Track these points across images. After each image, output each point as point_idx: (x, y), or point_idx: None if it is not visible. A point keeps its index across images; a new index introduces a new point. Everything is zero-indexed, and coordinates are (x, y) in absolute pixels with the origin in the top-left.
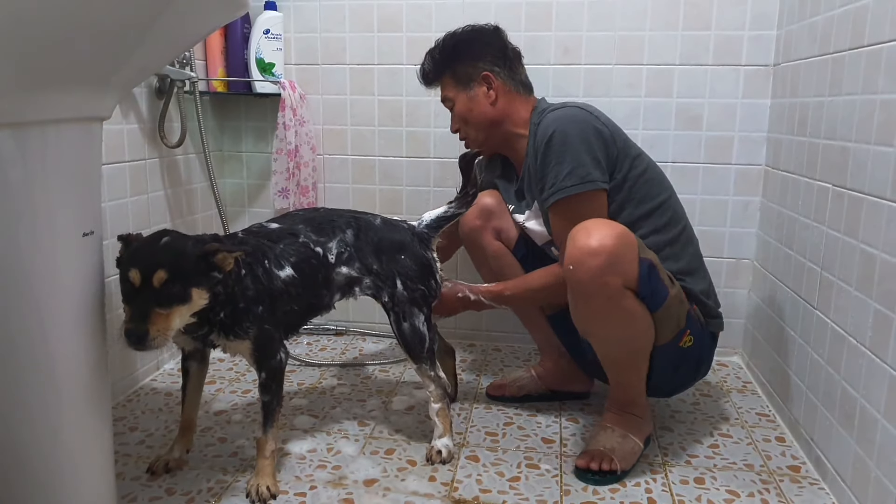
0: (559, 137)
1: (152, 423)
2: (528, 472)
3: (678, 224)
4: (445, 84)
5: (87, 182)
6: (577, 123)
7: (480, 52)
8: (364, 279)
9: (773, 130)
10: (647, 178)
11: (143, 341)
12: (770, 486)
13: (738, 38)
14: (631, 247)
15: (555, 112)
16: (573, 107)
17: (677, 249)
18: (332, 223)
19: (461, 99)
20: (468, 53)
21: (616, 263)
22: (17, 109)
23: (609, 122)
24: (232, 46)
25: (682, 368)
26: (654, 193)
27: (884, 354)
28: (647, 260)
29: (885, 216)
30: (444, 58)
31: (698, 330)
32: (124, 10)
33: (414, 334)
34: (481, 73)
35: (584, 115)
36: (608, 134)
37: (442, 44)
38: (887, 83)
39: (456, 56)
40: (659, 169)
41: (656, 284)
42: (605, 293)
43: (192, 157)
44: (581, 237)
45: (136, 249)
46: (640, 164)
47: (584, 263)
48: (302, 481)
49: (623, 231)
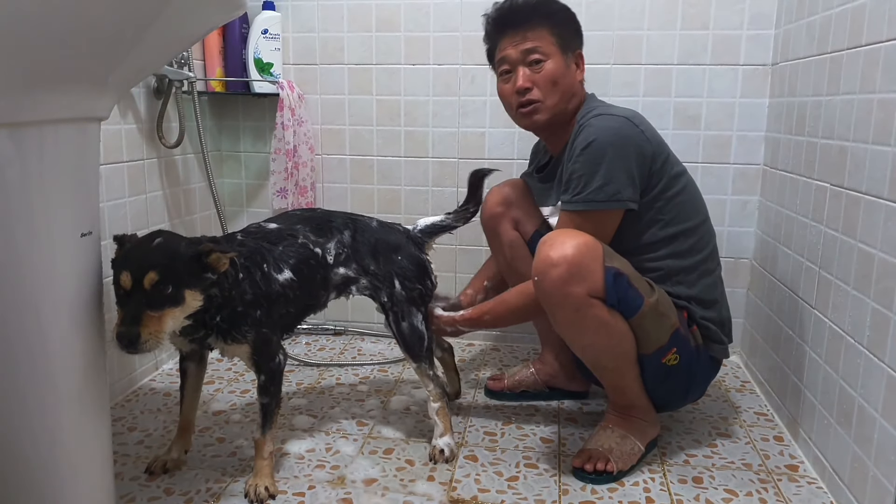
0: (598, 147)
1: (151, 424)
2: (527, 472)
3: (699, 252)
4: (541, 36)
5: (85, 182)
6: (622, 137)
7: (580, 31)
8: (361, 279)
9: (771, 130)
10: (680, 201)
11: (135, 344)
12: (768, 485)
13: (736, 38)
14: (593, 255)
15: (603, 118)
16: (623, 118)
17: (692, 277)
18: (329, 224)
19: (558, 60)
20: (575, 24)
21: (577, 273)
22: (15, 109)
23: (654, 137)
24: (230, 46)
25: (669, 385)
26: (684, 217)
27: (881, 353)
28: (612, 268)
29: (882, 215)
30: (549, 12)
31: (690, 350)
32: (122, 10)
33: (413, 333)
34: (577, 50)
35: (631, 129)
36: (650, 152)
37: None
38: (885, 82)
39: (564, 19)
40: (696, 192)
41: (625, 292)
42: (570, 303)
43: (191, 157)
44: (544, 249)
45: (128, 251)
46: (677, 184)
47: (546, 274)
48: (300, 481)
49: (584, 241)
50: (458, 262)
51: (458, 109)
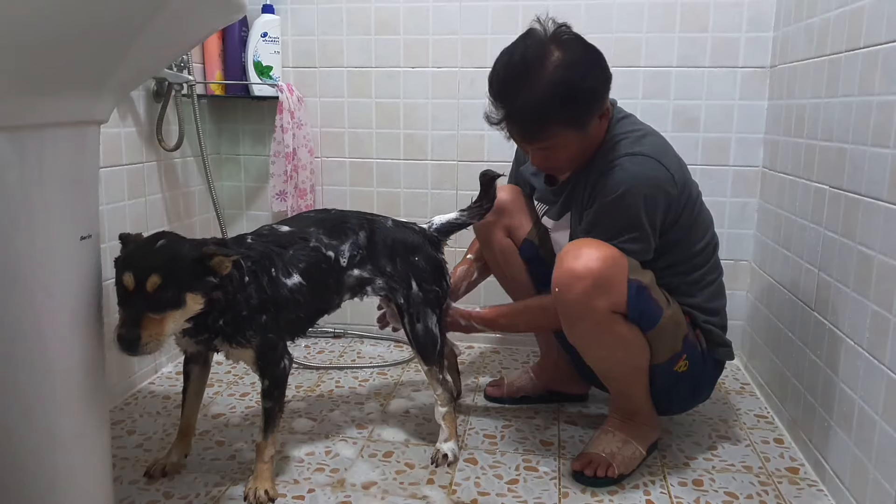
0: (630, 199)
1: (150, 427)
2: (527, 475)
3: (703, 267)
4: (554, 135)
5: (84, 185)
6: (653, 187)
7: (600, 90)
8: (376, 280)
9: (770, 132)
10: (692, 230)
11: (135, 347)
12: (769, 487)
13: (734, 40)
14: (619, 269)
15: (636, 162)
16: (654, 161)
17: (694, 289)
18: (344, 225)
19: (573, 141)
20: (591, 98)
21: (602, 287)
22: (14, 113)
23: (679, 172)
24: (229, 49)
25: (677, 391)
26: (691, 243)
27: (881, 356)
28: (636, 281)
29: (882, 217)
30: (560, 117)
31: (697, 355)
32: (121, 14)
33: (427, 336)
34: (600, 113)
35: (662, 174)
36: (676, 194)
37: (540, 94)
38: (883, 85)
39: (574, 104)
40: (706, 213)
41: (646, 305)
42: (592, 317)
43: (190, 160)
44: (568, 259)
45: (131, 252)
46: (692, 213)
47: (569, 287)
48: (300, 485)
49: (610, 254)
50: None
51: (457, 112)
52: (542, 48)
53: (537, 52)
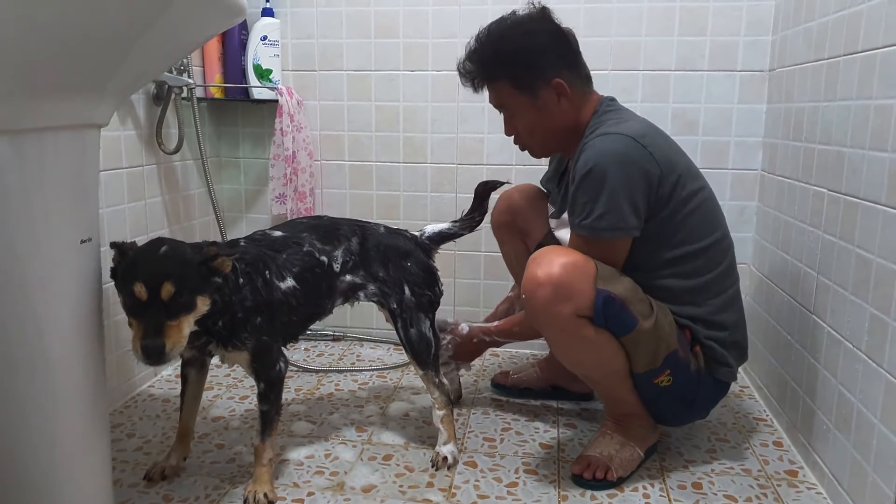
0: (597, 174)
1: (150, 430)
2: (526, 478)
3: (711, 272)
4: (500, 89)
5: (84, 189)
6: (623, 162)
7: (546, 60)
8: (369, 286)
9: (768, 135)
10: (690, 223)
11: (162, 356)
12: (768, 490)
13: (733, 44)
14: (583, 275)
15: (604, 140)
16: (628, 137)
17: (699, 298)
18: (337, 231)
19: (525, 109)
20: (534, 64)
21: (563, 293)
22: (15, 116)
23: (665, 156)
24: (229, 53)
25: (663, 403)
26: (692, 239)
27: (880, 359)
28: (604, 291)
29: (880, 221)
30: (498, 64)
31: (686, 374)
32: (122, 18)
33: (420, 340)
34: (552, 81)
35: (635, 150)
36: (657, 175)
37: (492, 46)
38: (881, 88)
39: (517, 64)
40: (711, 208)
41: (616, 315)
42: (556, 323)
43: (190, 163)
44: (532, 266)
45: (135, 261)
46: (689, 204)
47: (533, 294)
48: (300, 488)
49: (574, 260)
50: (458, 268)
51: (456, 115)
52: (509, 14)
53: (503, 16)
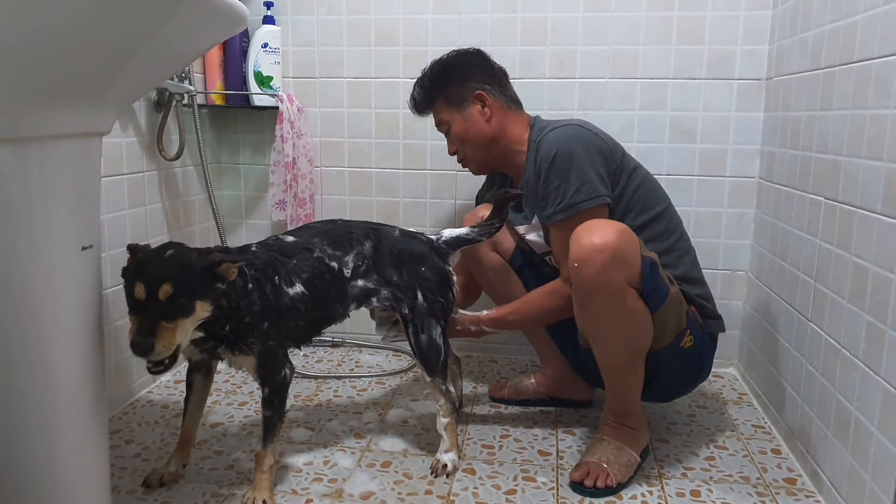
0: (563, 157)
1: (148, 436)
2: (525, 485)
3: (674, 233)
4: (439, 108)
5: (86, 196)
6: (579, 142)
7: (470, 73)
8: (381, 290)
9: (766, 143)
10: (642, 192)
11: (150, 353)
12: (766, 498)
13: (730, 53)
14: (633, 244)
15: (556, 131)
16: (573, 125)
17: (674, 258)
18: (349, 235)
19: (457, 120)
20: (458, 75)
21: (620, 259)
22: (17, 125)
23: (608, 137)
24: (230, 60)
25: (684, 370)
26: (651, 204)
27: (877, 367)
28: (648, 258)
29: (876, 229)
30: (434, 83)
31: (698, 331)
32: (124, 28)
33: (431, 346)
34: (474, 93)
35: (585, 133)
36: (608, 150)
37: (430, 71)
38: (877, 98)
39: (446, 79)
40: (654, 180)
41: (657, 282)
42: (609, 290)
43: (190, 169)
44: (584, 235)
45: (140, 262)
46: (637, 176)
47: (589, 260)
48: (298, 495)
49: (624, 228)
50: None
51: None
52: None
53: None
